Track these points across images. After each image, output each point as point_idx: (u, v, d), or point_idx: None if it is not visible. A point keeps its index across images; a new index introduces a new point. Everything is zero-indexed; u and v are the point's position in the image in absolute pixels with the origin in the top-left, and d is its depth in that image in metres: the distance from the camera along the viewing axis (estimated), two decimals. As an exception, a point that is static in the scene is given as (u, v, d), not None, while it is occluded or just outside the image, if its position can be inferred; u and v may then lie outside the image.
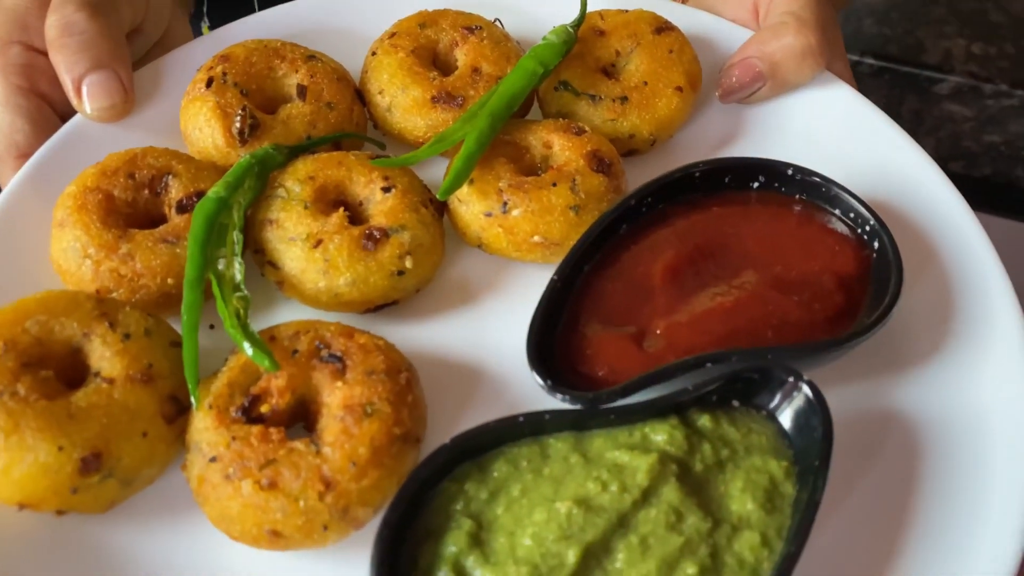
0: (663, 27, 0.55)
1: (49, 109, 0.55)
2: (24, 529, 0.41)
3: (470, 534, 0.37)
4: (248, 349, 0.41)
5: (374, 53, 0.55)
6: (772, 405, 0.41)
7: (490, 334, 0.48)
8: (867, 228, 0.46)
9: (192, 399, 0.41)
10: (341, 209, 0.47)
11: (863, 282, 0.45)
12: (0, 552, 0.41)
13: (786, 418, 0.41)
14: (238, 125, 0.50)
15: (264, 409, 0.40)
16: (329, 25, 0.59)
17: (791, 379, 0.40)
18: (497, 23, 0.57)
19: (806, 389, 0.40)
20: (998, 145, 1.22)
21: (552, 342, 0.44)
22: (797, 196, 0.48)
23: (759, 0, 0.57)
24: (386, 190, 0.48)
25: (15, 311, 0.42)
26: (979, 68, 1.18)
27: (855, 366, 0.45)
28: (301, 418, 0.42)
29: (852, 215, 0.47)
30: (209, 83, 0.51)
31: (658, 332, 0.43)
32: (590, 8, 0.58)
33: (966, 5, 1.23)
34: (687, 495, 0.38)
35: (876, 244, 0.46)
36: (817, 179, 0.48)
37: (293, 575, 0.41)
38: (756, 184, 0.49)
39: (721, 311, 0.43)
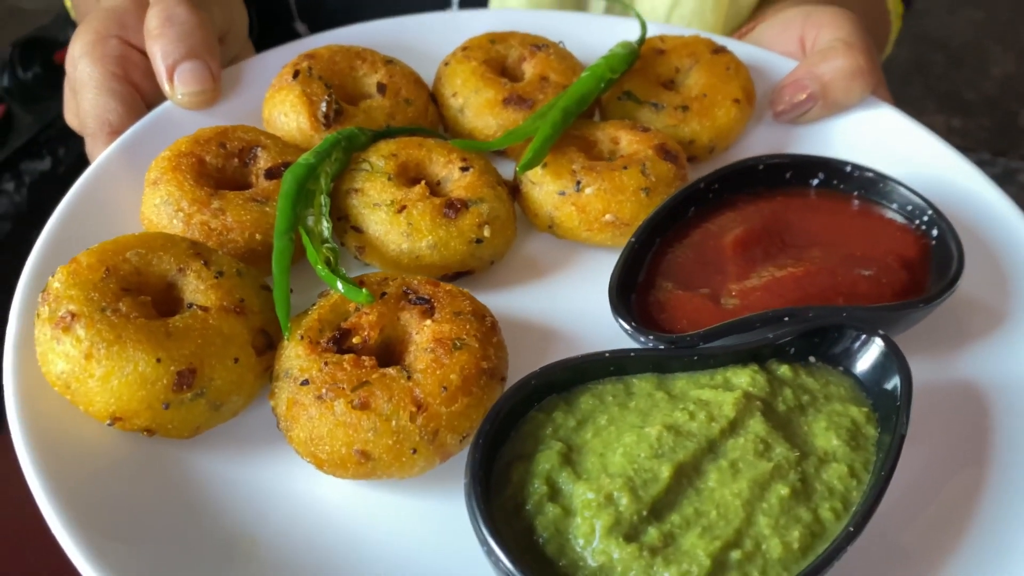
0: (719, 49, 0.59)
1: (139, 97, 0.58)
2: (114, 451, 0.42)
3: (561, 454, 0.37)
4: (341, 287, 0.42)
5: (447, 64, 0.59)
6: (848, 360, 0.42)
7: (562, 303, 0.50)
8: (924, 218, 0.49)
9: (283, 332, 0.42)
10: (423, 182, 0.50)
11: (924, 265, 0.47)
12: (92, 471, 0.41)
13: (862, 372, 0.42)
14: (324, 109, 0.53)
15: (356, 341, 0.41)
16: (399, 45, 0.63)
17: (866, 335, 0.41)
18: (561, 44, 0.61)
19: (880, 342, 0.41)
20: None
21: (629, 300, 0.45)
22: (855, 193, 0.51)
23: (806, 32, 0.62)
24: (464, 169, 0.50)
25: (116, 243, 0.43)
26: (961, 140, 1.25)
27: (921, 340, 0.47)
28: (385, 361, 0.42)
29: (909, 207, 0.49)
30: (296, 75, 0.55)
31: (733, 293, 0.44)
32: (649, 34, 0.62)
33: (940, 86, 1.33)
34: (773, 428, 0.38)
35: (935, 232, 0.48)
36: (873, 175, 0.51)
37: (372, 508, 0.41)
38: (816, 181, 0.51)
39: (792, 279, 0.45)
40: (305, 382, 0.40)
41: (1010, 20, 1.49)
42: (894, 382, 0.40)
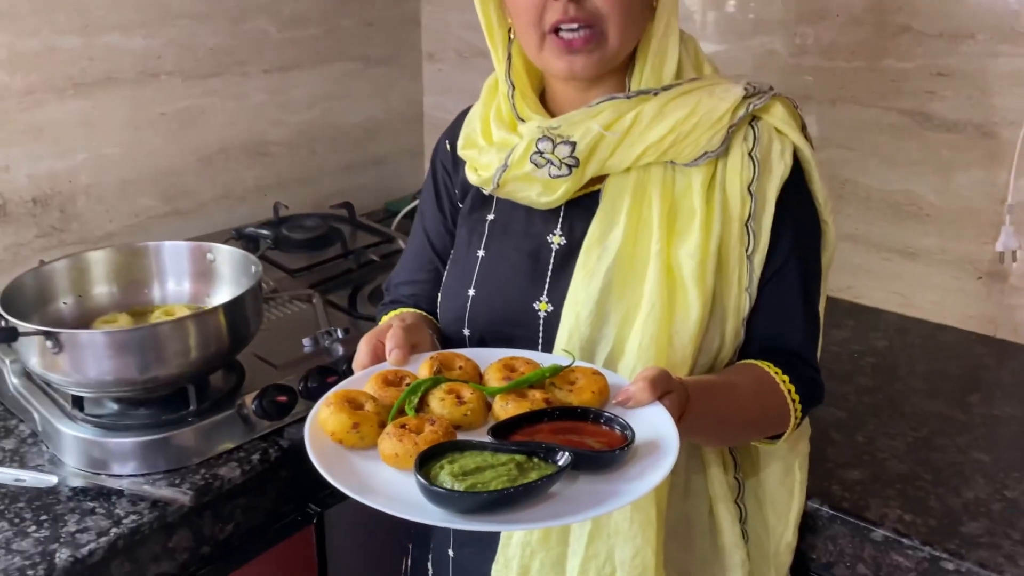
0: (596, 372, 1.38)
1: (378, 359, 1.46)
2: (333, 447, 1.23)
3: (449, 460, 1.15)
4: (407, 411, 1.27)
5: (491, 364, 1.44)
6: (558, 460, 1.16)
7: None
8: (628, 432, 1.22)
9: (388, 422, 1.26)
10: (454, 395, 1.33)
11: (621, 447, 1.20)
12: (325, 451, 1.23)
13: (560, 464, 1.16)
14: (434, 370, 1.40)
15: (407, 425, 1.24)
16: (482, 356, 1.49)
17: (565, 451, 1.16)
18: (540, 363, 1.44)
19: (567, 455, 1.15)
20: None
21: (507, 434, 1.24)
22: (615, 427, 1.25)
23: (641, 372, 1.37)
24: (472, 392, 1.33)
25: (348, 390, 1.31)
26: (903, 527, 1.62)
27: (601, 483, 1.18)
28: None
29: (629, 430, 1.23)
30: (431, 359, 1.43)
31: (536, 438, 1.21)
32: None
33: (912, 492, 1.71)
34: (517, 467, 1.13)
35: (628, 436, 1.22)
36: (614, 416, 1.25)
37: (397, 480, 1.20)
38: (602, 420, 1.27)
39: (560, 441, 1.20)
40: (388, 433, 1.22)
41: (1011, 465, 1.74)
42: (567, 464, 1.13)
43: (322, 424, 1.11)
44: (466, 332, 1.45)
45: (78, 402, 1.64)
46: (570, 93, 1.32)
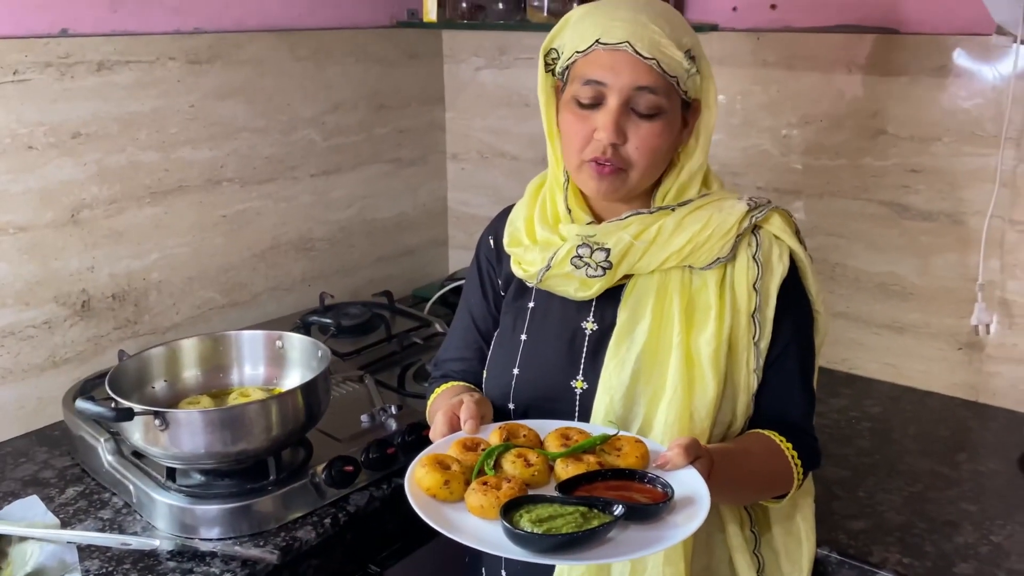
0: (639, 440, 1.63)
1: (453, 429, 1.62)
2: (429, 500, 1.48)
3: (527, 509, 1.41)
4: (486, 471, 1.52)
5: (548, 434, 1.70)
6: (613, 510, 1.42)
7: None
8: (669, 489, 1.48)
9: (472, 478, 1.51)
10: (523, 459, 1.59)
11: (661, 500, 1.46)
12: (425, 504, 1.47)
13: (615, 513, 1.41)
14: (503, 437, 1.65)
15: (487, 482, 1.49)
16: (541, 426, 1.75)
17: (619, 504, 1.42)
18: (590, 432, 1.70)
19: (621, 507, 1.41)
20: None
21: (571, 489, 1.49)
22: (658, 486, 1.51)
23: (675, 441, 1.60)
24: (536, 457, 1.59)
25: (436, 454, 1.57)
26: (902, 569, 1.69)
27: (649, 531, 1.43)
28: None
29: (669, 489, 1.48)
30: (500, 429, 1.68)
31: (593, 493, 1.47)
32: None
33: (911, 539, 1.76)
34: (583, 515, 1.39)
35: (669, 492, 1.48)
36: (657, 476, 1.51)
37: (480, 526, 1.44)
38: (646, 479, 1.53)
39: (607, 491, 1.46)
40: (473, 489, 1.46)
41: (995, 513, 1.88)
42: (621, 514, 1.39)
43: (418, 481, 1.33)
44: (511, 406, 1.63)
45: (171, 474, 1.82)
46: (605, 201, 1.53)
